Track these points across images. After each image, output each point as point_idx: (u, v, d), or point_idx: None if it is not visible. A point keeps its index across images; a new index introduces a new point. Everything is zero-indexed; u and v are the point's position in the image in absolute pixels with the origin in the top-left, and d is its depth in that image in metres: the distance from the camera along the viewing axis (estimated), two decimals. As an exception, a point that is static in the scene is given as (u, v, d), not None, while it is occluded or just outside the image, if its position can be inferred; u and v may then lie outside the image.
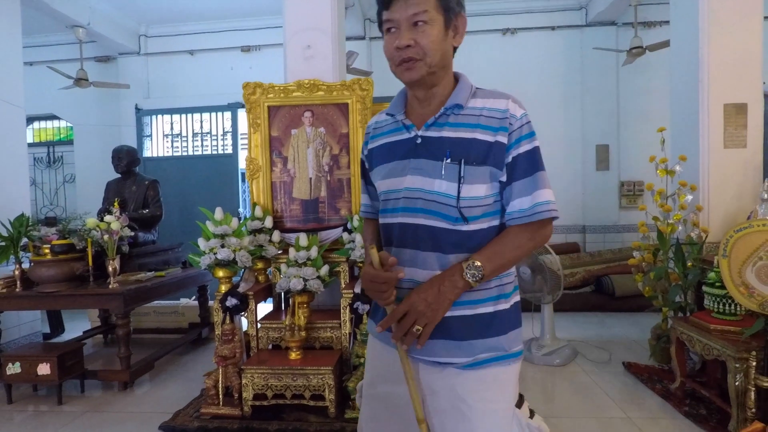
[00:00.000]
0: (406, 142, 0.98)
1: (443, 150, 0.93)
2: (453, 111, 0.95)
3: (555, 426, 2.34)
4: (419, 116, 0.99)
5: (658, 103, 4.97)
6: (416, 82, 0.95)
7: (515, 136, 0.92)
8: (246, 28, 5.61)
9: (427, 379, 0.96)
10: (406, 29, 0.91)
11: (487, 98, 0.95)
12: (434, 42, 0.90)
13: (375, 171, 1.05)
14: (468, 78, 1.01)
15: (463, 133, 0.93)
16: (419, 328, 0.89)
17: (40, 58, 5.57)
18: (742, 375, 2.07)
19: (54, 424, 2.45)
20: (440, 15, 0.91)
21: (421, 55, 0.91)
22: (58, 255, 2.90)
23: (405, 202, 0.95)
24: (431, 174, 0.93)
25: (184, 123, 5.82)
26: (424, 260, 0.94)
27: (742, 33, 2.88)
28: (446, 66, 0.97)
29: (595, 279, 4.73)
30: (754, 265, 2.01)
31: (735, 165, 2.91)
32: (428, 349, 0.94)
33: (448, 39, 0.94)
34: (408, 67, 0.92)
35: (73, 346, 2.84)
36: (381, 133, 1.05)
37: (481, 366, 0.94)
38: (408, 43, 0.90)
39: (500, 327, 0.95)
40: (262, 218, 2.78)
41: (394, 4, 0.91)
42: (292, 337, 2.45)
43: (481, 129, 0.92)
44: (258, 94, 2.88)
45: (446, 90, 0.98)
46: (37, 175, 6.00)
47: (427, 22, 0.90)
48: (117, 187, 3.94)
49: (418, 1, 0.89)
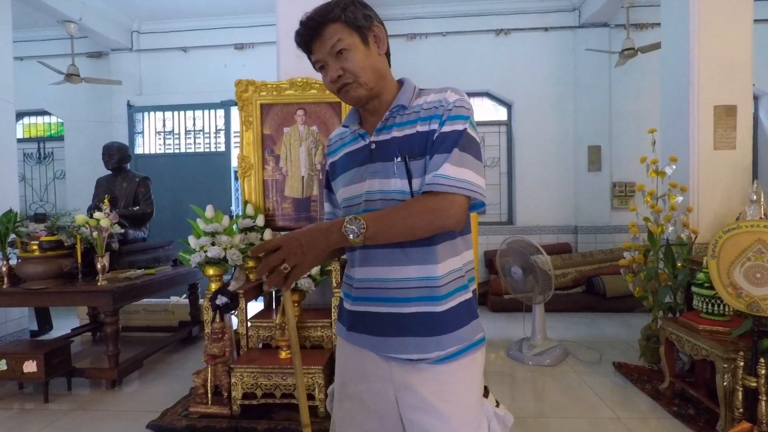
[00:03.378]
0: (363, 149, 1.02)
1: (393, 150, 0.97)
2: (398, 112, 0.99)
3: (545, 426, 2.34)
4: (371, 124, 1.04)
5: (650, 104, 5.00)
6: (360, 102, 1.00)
7: (444, 117, 0.94)
8: (239, 26, 5.58)
9: (401, 377, 0.97)
10: (331, 62, 0.96)
11: (429, 94, 0.99)
12: (359, 62, 0.95)
13: (337, 180, 1.09)
14: (412, 81, 1.04)
15: (407, 131, 0.97)
16: (287, 267, 0.84)
17: (31, 53, 5.51)
18: (730, 375, 2.08)
19: (40, 422, 2.42)
20: (355, 36, 0.95)
21: (353, 78, 0.96)
22: (46, 251, 2.86)
23: (366, 205, 0.98)
24: (387, 174, 0.96)
25: (177, 120, 5.78)
26: (392, 257, 0.96)
27: (732, 35, 2.91)
28: (382, 76, 1.00)
29: (586, 279, 4.76)
30: (743, 265, 2.03)
31: (724, 166, 2.94)
32: (401, 347, 0.96)
33: (372, 53, 0.98)
34: (346, 91, 0.97)
35: (60, 344, 2.81)
36: (341, 146, 1.10)
37: (451, 359, 0.96)
38: (338, 73, 0.96)
39: (464, 318, 0.98)
40: (254, 216, 2.77)
41: (313, 47, 0.97)
42: (282, 336, 2.44)
43: (420, 122, 0.96)
44: (250, 92, 2.86)
45: (391, 96, 1.02)
46: (26, 171, 5.93)
47: (346, 48, 0.94)
48: (107, 183, 3.90)
49: (329, 35, 0.94)
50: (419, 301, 0.95)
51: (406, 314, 0.95)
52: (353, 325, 1.02)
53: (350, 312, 1.02)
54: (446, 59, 5.40)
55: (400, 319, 0.96)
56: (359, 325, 1.01)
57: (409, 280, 0.95)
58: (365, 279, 0.99)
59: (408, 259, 0.95)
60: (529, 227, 5.42)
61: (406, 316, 0.95)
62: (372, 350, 0.99)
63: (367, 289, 0.99)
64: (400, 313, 0.96)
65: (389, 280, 0.96)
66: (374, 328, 0.98)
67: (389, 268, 0.96)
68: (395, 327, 0.96)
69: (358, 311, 1.01)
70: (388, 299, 0.96)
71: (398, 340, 0.95)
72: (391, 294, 0.96)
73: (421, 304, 0.95)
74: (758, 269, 1.98)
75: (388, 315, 0.97)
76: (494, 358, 3.33)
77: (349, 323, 1.03)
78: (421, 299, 0.95)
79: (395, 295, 0.96)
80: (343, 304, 1.07)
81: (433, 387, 0.95)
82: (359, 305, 1.01)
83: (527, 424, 2.35)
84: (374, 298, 0.98)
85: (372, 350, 0.99)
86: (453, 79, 5.36)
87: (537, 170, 5.43)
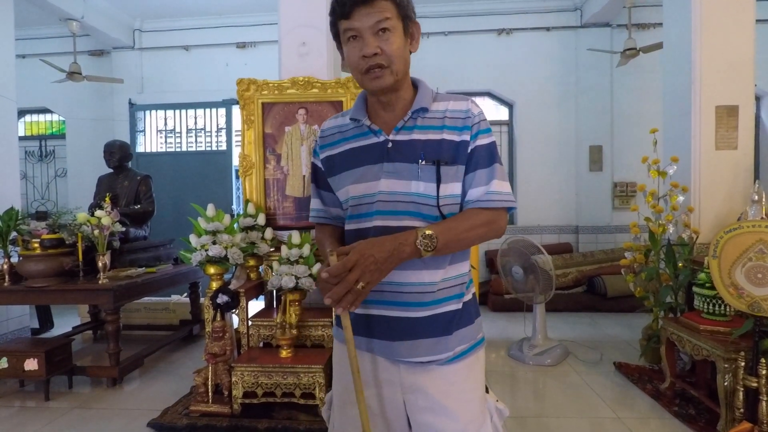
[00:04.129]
0: (376, 146, 0.99)
1: (416, 152, 0.95)
2: (419, 114, 0.98)
3: (545, 425, 2.34)
4: (384, 121, 1.00)
5: (652, 104, 5.00)
6: (384, 90, 0.96)
7: (474, 131, 0.97)
8: (241, 25, 5.58)
9: (410, 380, 0.97)
10: (369, 37, 0.91)
11: (449, 101, 1.00)
12: (398, 49, 0.93)
13: (340, 176, 1.03)
14: (426, 82, 1.04)
15: (432, 135, 0.96)
16: (363, 285, 0.85)
17: (33, 50, 5.51)
18: (731, 375, 2.08)
19: (40, 420, 2.43)
20: (400, 22, 0.93)
21: (388, 63, 0.92)
22: (47, 249, 2.86)
23: (381, 206, 0.96)
24: (407, 176, 0.95)
25: (178, 119, 5.78)
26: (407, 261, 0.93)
27: (734, 36, 2.90)
28: (407, 73, 0.99)
29: (587, 279, 4.75)
30: (744, 266, 2.02)
31: (726, 166, 2.93)
32: (412, 350, 0.95)
33: (407, 46, 0.97)
34: (376, 75, 0.93)
35: (61, 342, 2.82)
36: (343, 139, 1.04)
37: (459, 358, 0.98)
38: (375, 50, 0.91)
39: (468, 318, 1.01)
40: (255, 215, 2.77)
41: (355, 13, 0.91)
42: (283, 335, 2.44)
43: (447, 130, 0.96)
44: (252, 91, 2.86)
45: (408, 94, 1.00)
46: (28, 169, 5.94)
47: (390, 30, 0.91)
48: (109, 182, 3.90)
49: (381, 9, 0.90)
50: (433, 304, 0.96)
51: (421, 318, 0.95)
52: (358, 329, 0.99)
53: (358, 315, 0.99)
54: (448, 58, 5.39)
55: (413, 323, 0.95)
56: (366, 329, 0.99)
57: (423, 285, 0.95)
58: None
59: (423, 264, 0.94)
60: (530, 227, 5.42)
61: (421, 320, 0.95)
62: (381, 355, 0.98)
63: (380, 292, 0.95)
64: (413, 318, 0.95)
65: (404, 284, 0.95)
66: (384, 332, 0.97)
67: (404, 272, 0.94)
68: (407, 331, 0.95)
69: (368, 315, 0.99)
70: (402, 303, 0.95)
71: (410, 343, 0.95)
72: (405, 298, 0.95)
73: (435, 306, 0.96)
74: (759, 269, 1.98)
75: (400, 319, 0.95)
76: (495, 358, 3.33)
77: (357, 327, 0.99)
78: (435, 302, 0.96)
79: (409, 299, 0.95)
80: None
81: (443, 387, 0.96)
82: (371, 308, 0.98)
83: (528, 424, 2.35)
84: (387, 302, 0.96)
85: (381, 355, 0.98)
86: (455, 79, 5.37)
87: (538, 170, 5.42)
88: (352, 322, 0.95)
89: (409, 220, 0.95)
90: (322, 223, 1.14)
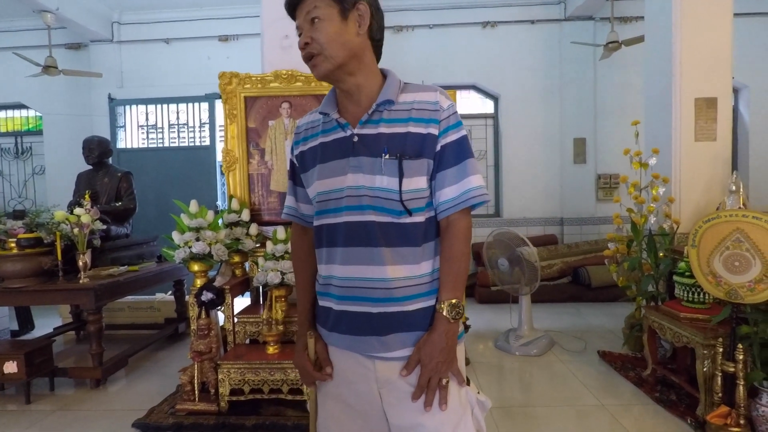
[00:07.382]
0: (343, 140, 0.98)
1: (381, 146, 0.94)
2: (385, 107, 0.96)
3: (531, 414, 2.38)
4: (352, 114, 0.99)
5: (634, 97, 5.08)
6: (325, 78, 0.96)
7: (443, 126, 0.95)
8: (223, 17, 5.48)
9: (385, 375, 0.96)
10: (306, 29, 0.94)
11: (417, 92, 0.98)
12: (329, 35, 0.91)
13: (311, 172, 1.02)
14: (395, 73, 1.01)
15: (397, 128, 0.95)
16: (447, 380, 0.94)
17: (6, 44, 5.35)
18: (710, 361, 2.14)
19: (22, 423, 2.38)
20: (333, 8, 0.92)
21: (319, 50, 0.92)
22: (24, 249, 2.79)
23: (349, 201, 0.95)
24: (371, 171, 0.94)
25: (160, 113, 5.67)
26: (377, 256, 0.94)
27: (713, 30, 2.95)
28: (356, 56, 0.95)
29: (572, 270, 4.82)
30: (722, 254, 2.07)
31: (705, 158, 2.99)
32: (386, 345, 0.95)
33: (349, 30, 0.94)
34: (313, 64, 0.94)
35: (41, 343, 2.76)
36: (314, 134, 1.03)
37: None
38: (305, 41, 0.93)
39: None
40: (239, 211, 2.74)
41: (296, 12, 0.95)
42: (269, 332, 2.42)
43: (413, 122, 0.95)
44: (234, 84, 2.81)
45: (374, 86, 0.98)
46: (4, 167, 5.78)
47: (319, 18, 0.92)
48: (88, 178, 3.82)
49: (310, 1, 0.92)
50: (405, 300, 0.94)
51: (393, 313, 0.94)
52: (336, 325, 0.99)
53: (335, 312, 0.99)
54: (433, 52, 5.38)
55: (385, 318, 0.94)
56: (342, 325, 0.98)
57: (396, 280, 0.94)
58: (349, 278, 0.96)
59: (396, 259, 0.94)
60: (515, 219, 5.47)
61: (393, 315, 0.94)
62: (355, 351, 0.98)
63: (352, 288, 0.96)
64: (385, 313, 0.94)
65: (376, 279, 0.94)
66: (359, 328, 0.96)
67: (376, 268, 0.93)
68: (380, 326, 0.95)
69: (342, 311, 0.98)
70: (374, 299, 0.94)
71: (383, 338, 0.94)
72: (376, 294, 0.94)
73: (408, 302, 0.95)
74: (737, 258, 2.02)
75: (372, 315, 0.95)
76: (482, 349, 3.37)
77: (333, 323, 1.00)
78: (408, 298, 0.95)
79: (381, 295, 0.94)
80: (322, 303, 1.03)
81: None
82: (345, 304, 0.97)
83: (514, 413, 2.38)
84: (360, 297, 0.95)
85: (355, 351, 0.98)
86: (440, 72, 5.35)
87: (523, 163, 5.46)
88: (333, 318, 0.99)
89: (373, 215, 0.94)
90: (295, 223, 1.14)
